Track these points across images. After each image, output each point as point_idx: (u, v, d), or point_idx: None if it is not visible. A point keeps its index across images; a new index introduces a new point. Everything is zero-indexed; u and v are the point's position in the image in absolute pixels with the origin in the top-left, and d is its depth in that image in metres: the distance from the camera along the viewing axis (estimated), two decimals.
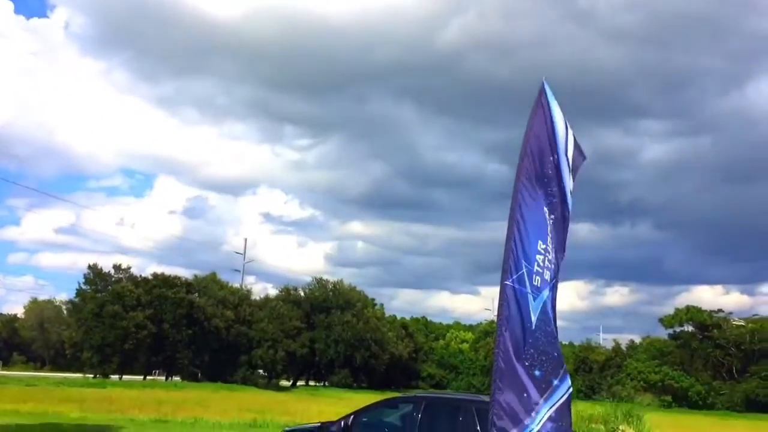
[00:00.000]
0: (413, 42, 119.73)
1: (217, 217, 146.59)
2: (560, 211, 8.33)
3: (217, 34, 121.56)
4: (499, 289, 8.20)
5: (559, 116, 8.45)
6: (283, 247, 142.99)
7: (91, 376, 54.47)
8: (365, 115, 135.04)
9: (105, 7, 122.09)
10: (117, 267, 63.80)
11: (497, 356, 8.12)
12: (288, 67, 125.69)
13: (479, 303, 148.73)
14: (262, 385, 59.18)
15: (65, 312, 78.65)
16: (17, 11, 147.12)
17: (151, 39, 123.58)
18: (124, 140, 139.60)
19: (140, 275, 63.41)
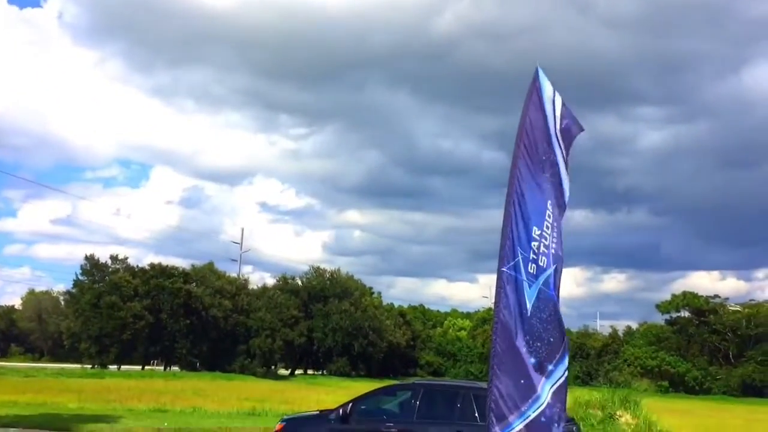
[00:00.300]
0: (408, 29, 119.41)
1: (213, 206, 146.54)
2: (558, 196, 8.34)
3: (211, 22, 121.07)
4: (496, 276, 8.22)
5: (549, 100, 8.44)
6: (280, 237, 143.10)
7: (90, 366, 54.57)
8: (361, 103, 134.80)
9: None
10: (114, 258, 63.86)
11: (494, 343, 8.15)
12: (283, 55, 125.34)
13: (477, 291, 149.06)
14: (261, 374, 59.33)
15: (63, 303, 78.75)
16: (10, 1, 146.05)
17: (145, 28, 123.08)
18: (119, 130, 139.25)
19: (137, 266, 63.56)
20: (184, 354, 59.68)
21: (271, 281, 77.13)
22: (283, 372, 68.35)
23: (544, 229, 8.18)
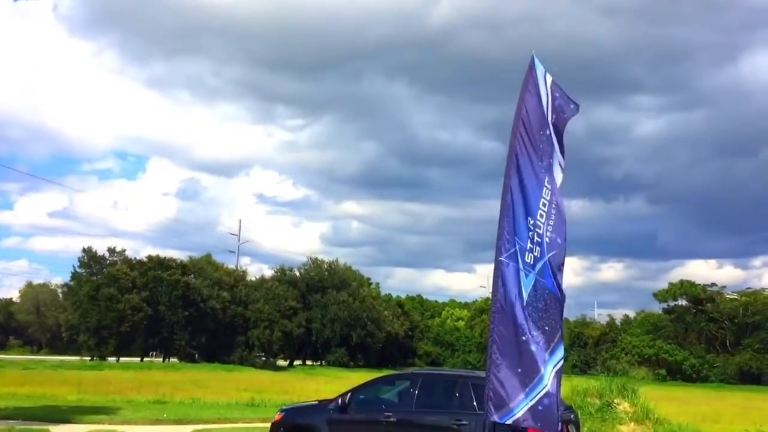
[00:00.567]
0: (405, 20, 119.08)
1: (210, 198, 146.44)
2: (555, 182, 8.35)
3: (207, 13, 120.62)
4: (494, 266, 8.25)
5: (545, 89, 8.44)
6: (277, 228, 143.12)
7: (88, 358, 54.66)
8: (357, 93, 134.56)
9: None
10: (111, 250, 63.90)
11: (492, 333, 8.18)
12: (279, 46, 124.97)
13: (474, 281, 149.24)
14: (259, 365, 59.48)
15: (61, 295, 78.76)
16: None
17: (141, 19, 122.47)
18: (115, 122, 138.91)
19: (135, 258, 63.63)
20: (183, 345, 59.79)
21: (269, 273, 77.39)
22: (281, 363, 68.50)
23: (538, 218, 8.21)
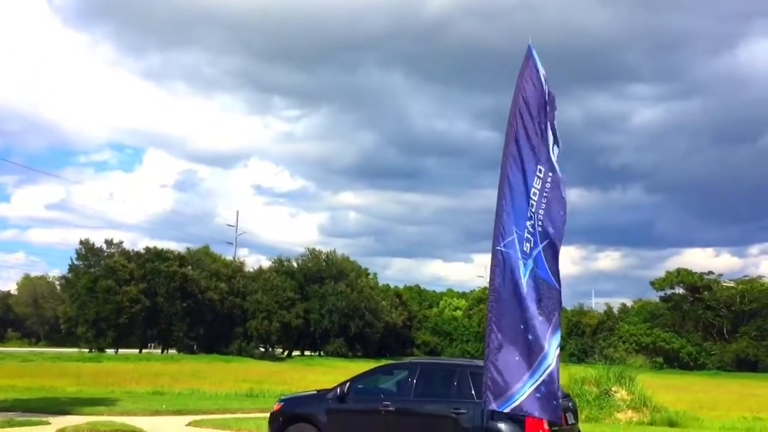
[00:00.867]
0: (401, 9, 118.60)
1: (208, 189, 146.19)
2: (551, 170, 8.35)
3: (202, 4, 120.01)
4: (491, 255, 8.26)
5: (542, 77, 8.45)
6: (275, 219, 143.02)
7: (87, 350, 54.74)
8: (354, 84, 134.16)
9: None
10: (109, 242, 63.85)
11: (490, 322, 8.21)
12: (276, 36, 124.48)
13: (472, 270, 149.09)
14: (258, 356, 59.61)
15: (58, 288, 78.74)
16: None
17: (135, 10, 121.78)
18: (112, 114, 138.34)
19: (132, 250, 63.59)
20: (181, 337, 59.87)
21: (266, 264, 77.41)
22: (280, 354, 68.67)
23: (533, 207, 8.22)
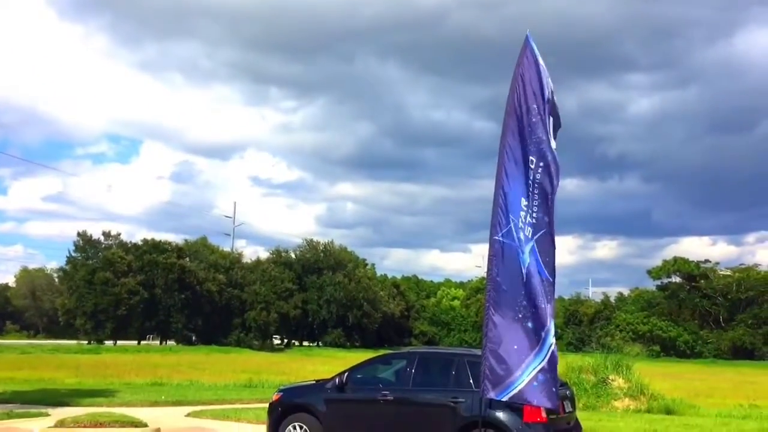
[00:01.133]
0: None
1: (205, 181, 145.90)
2: (548, 158, 8.35)
3: None
4: (489, 244, 8.29)
5: (541, 67, 8.45)
6: (272, 210, 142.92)
7: (86, 342, 54.84)
8: (351, 74, 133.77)
9: None
10: (106, 234, 63.82)
11: (488, 311, 8.25)
12: (272, 27, 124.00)
13: (470, 260, 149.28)
14: (256, 346, 59.73)
15: (56, 280, 78.73)
16: None
17: (130, 2, 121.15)
18: (108, 106, 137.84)
19: (130, 241, 63.59)
20: (180, 328, 59.96)
21: (264, 255, 77.49)
22: (278, 344, 68.82)
23: (529, 198, 8.25)
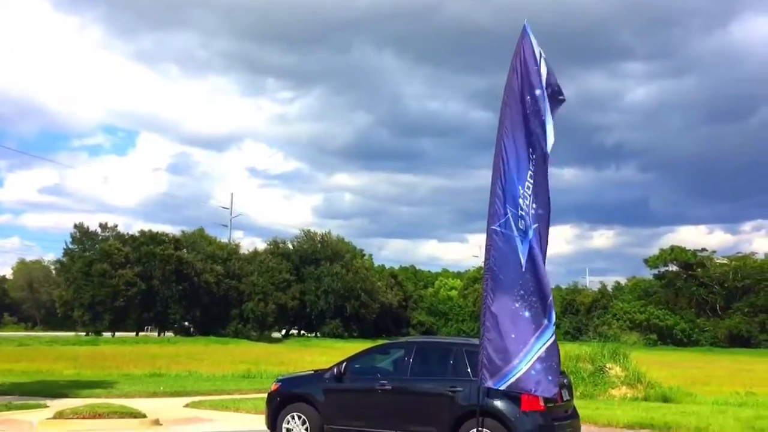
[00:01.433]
0: None
1: (202, 172, 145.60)
2: (541, 148, 8.37)
3: None
4: (486, 234, 8.31)
5: (538, 56, 8.44)
6: (269, 201, 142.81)
7: (83, 334, 54.85)
8: (347, 65, 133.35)
9: None
10: (103, 226, 63.81)
11: (485, 300, 8.28)
12: (268, 17, 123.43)
13: (467, 250, 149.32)
14: (254, 337, 59.84)
15: (54, 272, 78.72)
16: None
17: None
18: (104, 97, 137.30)
19: (127, 233, 63.54)
20: (178, 319, 60.02)
21: (262, 246, 77.49)
22: (276, 335, 68.93)
23: (526, 188, 8.27)
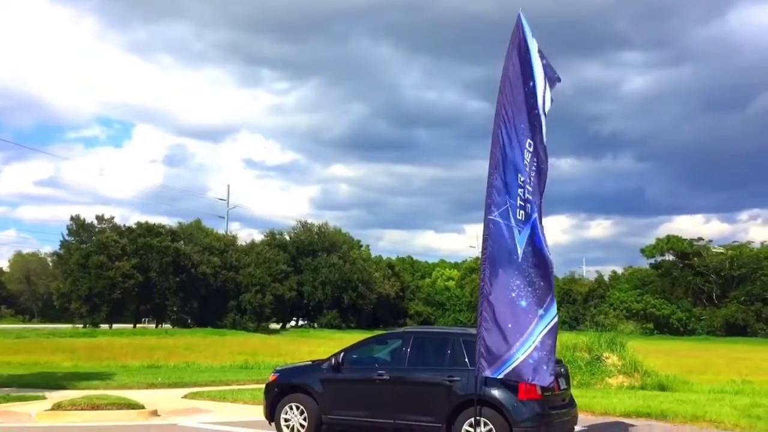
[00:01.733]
0: None
1: (198, 164, 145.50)
2: (538, 138, 8.39)
3: None
4: (483, 224, 8.32)
5: (534, 46, 8.44)
6: (266, 192, 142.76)
7: (81, 326, 54.87)
8: (344, 55, 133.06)
9: None
10: (100, 218, 63.75)
11: (482, 290, 8.30)
12: (263, 8, 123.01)
13: (464, 241, 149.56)
14: (252, 328, 59.88)
15: (50, 264, 78.67)
16: None
17: None
18: (99, 89, 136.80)
19: (124, 225, 63.50)
20: (176, 311, 60.06)
21: (259, 237, 77.52)
22: (274, 326, 69.02)
23: (526, 178, 8.28)
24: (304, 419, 10.06)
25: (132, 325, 58.81)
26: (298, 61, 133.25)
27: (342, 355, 10.10)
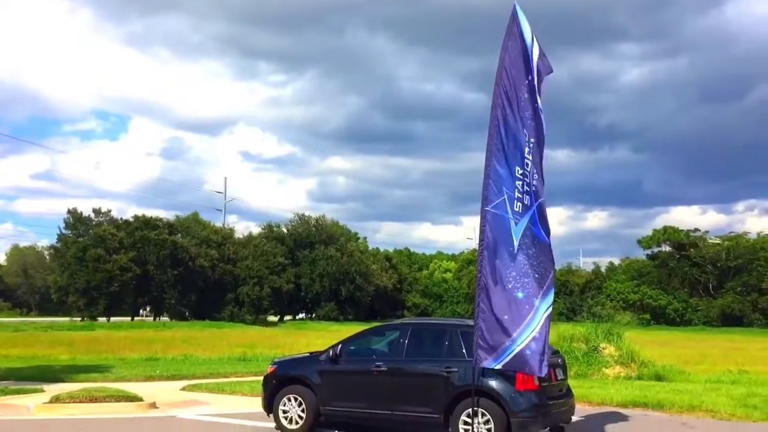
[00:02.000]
0: None
1: (195, 157, 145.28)
2: (537, 132, 8.40)
3: None
4: (480, 216, 8.33)
5: (528, 37, 8.44)
6: (263, 185, 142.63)
7: (79, 319, 54.85)
8: (340, 47, 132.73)
9: None
10: (97, 211, 63.68)
11: (479, 281, 8.32)
12: (259, 1, 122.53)
13: (461, 233, 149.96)
14: (250, 321, 59.95)
15: (48, 257, 78.56)
16: None
17: None
18: (95, 82, 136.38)
19: (121, 218, 63.45)
20: (173, 304, 60.07)
21: (256, 230, 77.50)
22: (272, 318, 69.10)
23: (525, 167, 8.29)
24: (302, 411, 10.08)
25: (130, 318, 58.83)
26: (294, 54, 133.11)
27: (340, 346, 10.11)
